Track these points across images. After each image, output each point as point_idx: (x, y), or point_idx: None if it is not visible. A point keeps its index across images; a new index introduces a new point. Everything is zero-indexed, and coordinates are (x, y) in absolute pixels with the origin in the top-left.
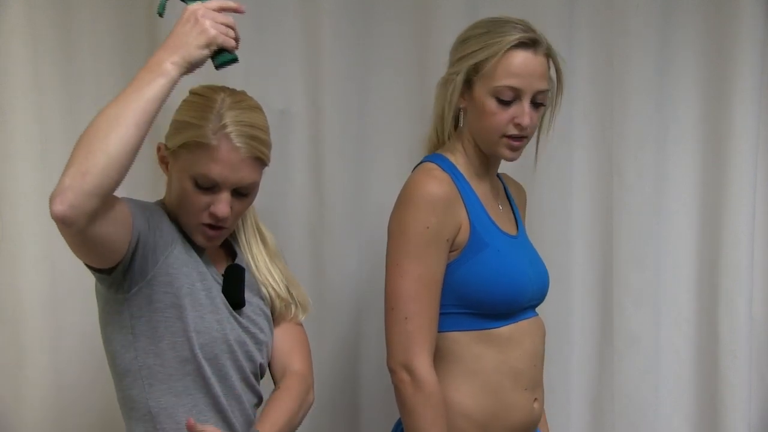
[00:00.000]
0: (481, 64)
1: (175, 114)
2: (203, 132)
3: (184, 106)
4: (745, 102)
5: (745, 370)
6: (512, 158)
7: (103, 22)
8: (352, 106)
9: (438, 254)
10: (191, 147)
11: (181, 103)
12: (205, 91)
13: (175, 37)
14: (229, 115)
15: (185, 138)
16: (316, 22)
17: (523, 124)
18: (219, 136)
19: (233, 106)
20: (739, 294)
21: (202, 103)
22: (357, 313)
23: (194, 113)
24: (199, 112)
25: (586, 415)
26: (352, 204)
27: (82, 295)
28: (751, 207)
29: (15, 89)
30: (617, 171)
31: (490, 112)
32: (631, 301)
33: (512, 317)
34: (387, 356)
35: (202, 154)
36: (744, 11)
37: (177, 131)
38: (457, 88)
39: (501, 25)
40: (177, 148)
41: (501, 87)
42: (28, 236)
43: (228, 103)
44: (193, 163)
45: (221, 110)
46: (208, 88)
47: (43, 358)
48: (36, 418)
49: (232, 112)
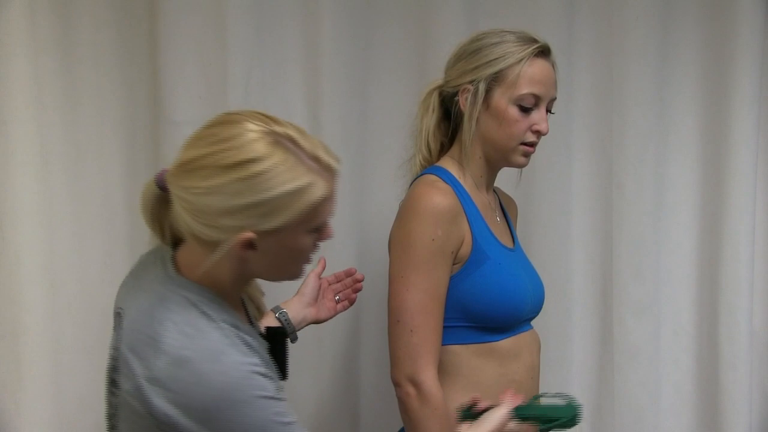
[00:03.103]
0: (503, 72)
1: (250, 197)
2: (318, 187)
3: (263, 179)
4: (745, 114)
5: (745, 382)
6: (524, 165)
7: (104, 34)
8: (351, 117)
9: (443, 266)
10: (315, 206)
11: (247, 181)
12: (267, 150)
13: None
14: (317, 148)
15: (303, 206)
16: (315, 32)
17: (542, 131)
18: (331, 176)
19: (300, 137)
20: (739, 306)
21: (288, 158)
22: (356, 322)
23: (287, 176)
24: (291, 172)
25: (586, 427)
26: (352, 212)
27: (81, 308)
28: (751, 219)
29: (15, 102)
30: (617, 183)
31: (513, 120)
32: (631, 312)
33: (512, 330)
34: (391, 369)
35: (327, 205)
36: (743, 23)
37: (282, 207)
38: (480, 97)
39: (513, 35)
40: (280, 225)
41: (525, 94)
42: (27, 249)
43: (299, 140)
44: (317, 216)
45: (306, 152)
46: (265, 147)
47: (42, 372)
48: (36, 431)
49: (308, 140)
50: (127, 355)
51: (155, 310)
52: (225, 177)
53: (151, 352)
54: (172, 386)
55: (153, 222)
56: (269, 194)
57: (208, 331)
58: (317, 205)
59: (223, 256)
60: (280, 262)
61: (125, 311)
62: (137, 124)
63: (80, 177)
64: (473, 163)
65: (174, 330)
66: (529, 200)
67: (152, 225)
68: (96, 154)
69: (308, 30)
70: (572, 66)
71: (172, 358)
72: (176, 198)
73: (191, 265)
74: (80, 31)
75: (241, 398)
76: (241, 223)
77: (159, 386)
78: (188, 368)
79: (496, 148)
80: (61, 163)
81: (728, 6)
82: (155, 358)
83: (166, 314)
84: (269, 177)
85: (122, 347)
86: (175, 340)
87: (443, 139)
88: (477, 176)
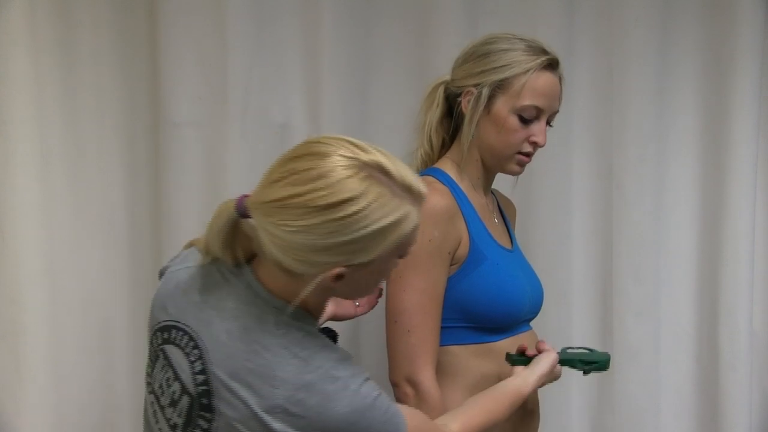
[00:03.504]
0: (508, 81)
1: (345, 236)
2: (412, 218)
3: (359, 218)
4: (745, 114)
5: (745, 383)
6: (518, 173)
7: (104, 34)
8: (351, 117)
9: (440, 267)
10: (408, 235)
11: (342, 221)
12: (361, 188)
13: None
14: (407, 176)
15: (397, 238)
16: (315, 32)
17: (539, 143)
18: (420, 205)
19: (390, 164)
20: (740, 307)
21: (382, 193)
22: (355, 322)
23: (382, 212)
24: (385, 208)
25: (586, 428)
26: None
27: (81, 308)
28: (751, 220)
29: (15, 102)
30: (617, 184)
31: (511, 129)
32: (631, 313)
33: (510, 331)
34: (389, 370)
35: (417, 231)
36: (743, 23)
37: (376, 243)
38: (482, 102)
39: (524, 44)
40: (373, 259)
41: (527, 106)
42: (27, 249)
43: (390, 170)
44: (409, 244)
45: (397, 182)
46: (359, 185)
47: (42, 372)
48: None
49: (396, 167)
50: (230, 383)
51: (254, 335)
52: (319, 218)
53: (266, 381)
54: (299, 412)
55: (224, 247)
56: (364, 232)
57: (317, 349)
58: (410, 235)
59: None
60: (365, 287)
61: (198, 332)
62: (137, 124)
63: (80, 177)
64: (471, 165)
65: (287, 355)
66: (528, 200)
67: (223, 250)
68: (96, 154)
69: (308, 30)
70: (572, 66)
71: (294, 385)
72: (264, 232)
73: (277, 285)
74: (80, 31)
75: (364, 405)
76: (335, 259)
77: (282, 413)
78: (313, 392)
79: (492, 154)
80: (61, 163)
81: (728, 6)
82: (273, 387)
83: (271, 339)
84: (364, 215)
85: (218, 373)
86: (291, 365)
87: (445, 135)
88: (474, 178)
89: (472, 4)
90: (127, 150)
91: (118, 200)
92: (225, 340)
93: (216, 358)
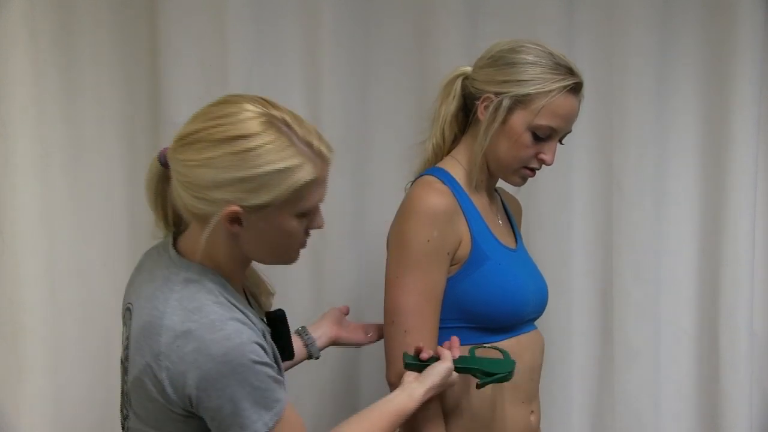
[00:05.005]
0: (530, 97)
1: (239, 171)
2: (306, 170)
3: (253, 156)
4: (745, 114)
5: (745, 383)
6: (520, 185)
7: (104, 34)
8: (351, 117)
9: (439, 267)
10: (302, 188)
11: (237, 156)
12: (260, 129)
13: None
14: (311, 134)
15: (290, 186)
16: (315, 32)
17: (547, 162)
18: (321, 162)
19: (295, 122)
20: (740, 307)
21: (279, 139)
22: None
23: (277, 155)
24: (281, 152)
25: (586, 428)
26: (352, 211)
27: (81, 308)
28: (751, 220)
29: (15, 102)
30: (617, 185)
31: (523, 145)
32: (632, 314)
33: (513, 331)
34: (386, 370)
35: (315, 190)
36: (743, 23)
37: (268, 185)
38: (502, 113)
39: (552, 60)
40: (266, 202)
41: (544, 126)
42: (27, 249)
43: (293, 125)
44: (303, 199)
45: (298, 136)
46: (258, 126)
47: (42, 373)
48: (36, 431)
49: (302, 126)
50: (136, 341)
51: (159, 292)
52: (217, 150)
53: (155, 331)
54: (174, 358)
55: (155, 202)
56: (257, 171)
57: (209, 304)
58: (304, 188)
59: (215, 234)
60: (269, 240)
61: (134, 304)
62: (137, 124)
63: (80, 177)
64: (476, 165)
65: (177, 306)
66: (529, 200)
67: (154, 205)
68: (96, 154)
69: (308, 30)
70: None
71: (175, 332)
72: (174, 172)
73: (192, 248)
74: (80, 31)
75: (240, 363)
76: (229, 196)
77: (164, 360)
78: (189, 339)
79: (498, 163)
80: (61, 163)
81: (728, 6)
82: (159, 335)
83: (169, 294)
84: (259, 154)
85: (132, 335)
86: (177, 315)
87: (458, 130)
88: (478, 178)
89: (472, 4)
90: (126, 149)
91: (118, 200)
92: (142, 305)
93: (134, 324)
